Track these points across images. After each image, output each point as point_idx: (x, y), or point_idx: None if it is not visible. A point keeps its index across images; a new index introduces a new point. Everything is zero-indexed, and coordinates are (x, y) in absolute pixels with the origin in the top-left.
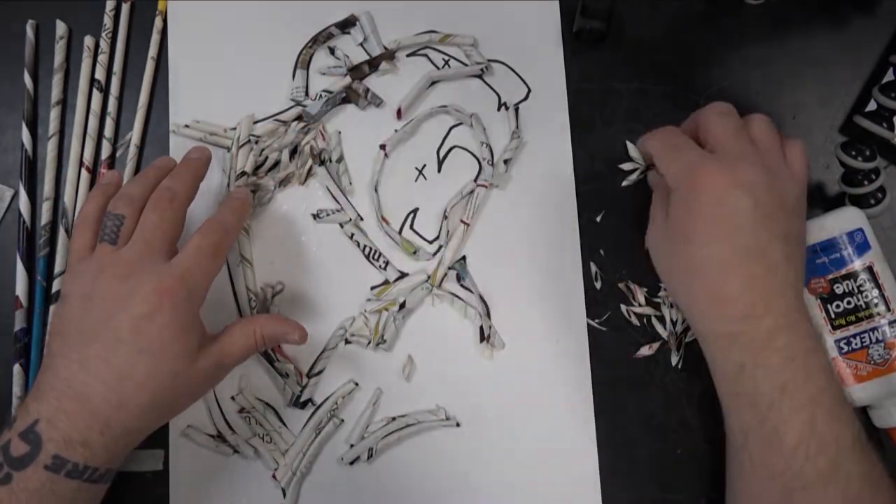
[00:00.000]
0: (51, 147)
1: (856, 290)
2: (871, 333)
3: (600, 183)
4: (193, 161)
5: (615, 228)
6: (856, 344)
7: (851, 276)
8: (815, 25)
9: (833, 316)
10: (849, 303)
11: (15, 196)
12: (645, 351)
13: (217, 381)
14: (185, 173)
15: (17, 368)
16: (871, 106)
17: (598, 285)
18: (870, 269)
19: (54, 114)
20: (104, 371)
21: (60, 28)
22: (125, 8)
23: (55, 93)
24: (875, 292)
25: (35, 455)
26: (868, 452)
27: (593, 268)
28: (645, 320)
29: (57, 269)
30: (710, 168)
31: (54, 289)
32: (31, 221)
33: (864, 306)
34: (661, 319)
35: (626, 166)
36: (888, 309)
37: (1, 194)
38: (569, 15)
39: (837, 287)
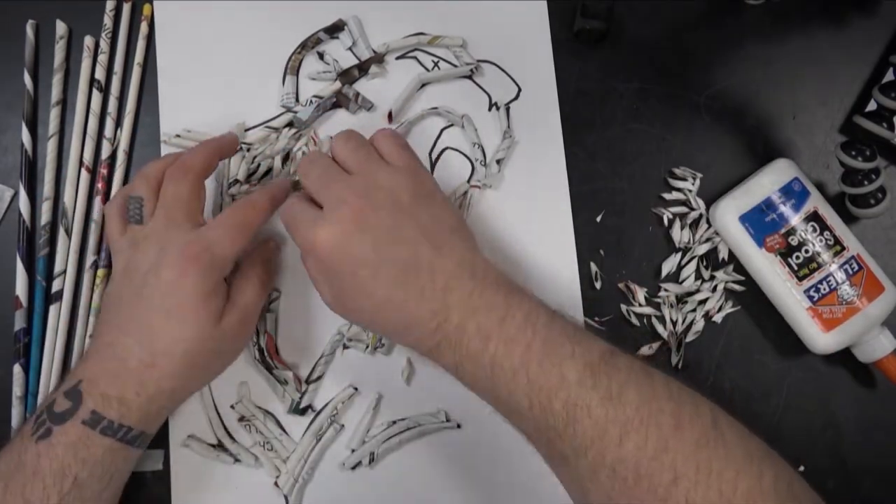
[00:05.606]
0: (51, 147)
1: (809, 238)
2: (834, 275)
3: (600, 183)
4: (212, 140)
5: (615, 228)
6: (824, 289)
7: (800, 225)
8: (815, 25)
9: (796, 268)
10: (806, 251)
11: (15, 196)
12: (645, 351)
13: (246, 336)
14: (199, 148)
15: (17, 368)
16: (871, 106)
17: (598, 285)
18: (815, 215)
19: (54, 114)
20: (138, 332)
21: (60, 28)
22: (125, 8)
23: (55, 93)
24: (826, 234)
25: (75, 410)
26: (605, 374)
27: (593, 268)
28: (645, 320)
29: (57, 269)
30: (323, 236)
31: (54, 289)
32: (31, 221)
33: (820, 251)
34: (661, 319)
35: None
36: (843, 247)
37: (1, 194)
38: (562, 14)
39: (792, 239)
